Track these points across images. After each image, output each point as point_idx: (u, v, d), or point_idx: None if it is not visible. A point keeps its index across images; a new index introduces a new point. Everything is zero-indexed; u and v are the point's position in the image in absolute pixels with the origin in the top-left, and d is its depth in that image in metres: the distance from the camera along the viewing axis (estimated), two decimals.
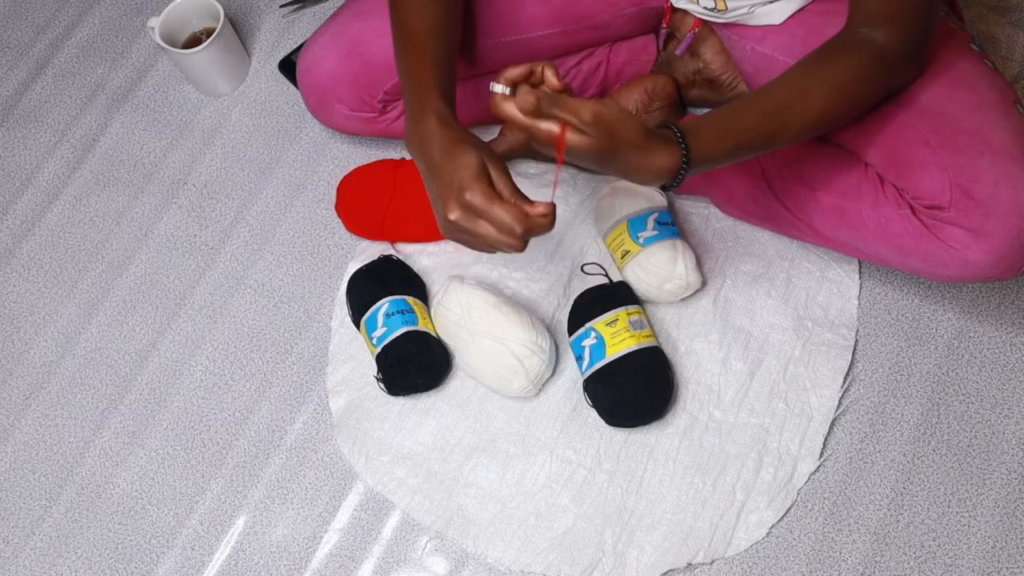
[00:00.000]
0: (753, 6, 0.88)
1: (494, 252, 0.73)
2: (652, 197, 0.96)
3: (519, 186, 0.75)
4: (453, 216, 0.71)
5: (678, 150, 0.70)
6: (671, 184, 0.72)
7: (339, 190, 1.04)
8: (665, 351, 0.93)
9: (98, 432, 1.00)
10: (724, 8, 0.89)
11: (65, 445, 0.99)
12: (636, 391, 0.89)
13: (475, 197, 0.69)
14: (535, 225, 0.70)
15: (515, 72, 0.69)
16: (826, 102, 0.74)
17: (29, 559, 0.94)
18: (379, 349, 0.94)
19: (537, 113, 0.66)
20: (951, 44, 0.83)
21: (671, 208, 1.00)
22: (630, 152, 0.68)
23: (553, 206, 0.71)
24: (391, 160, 1.04)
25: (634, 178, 0.71)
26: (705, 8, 0.91)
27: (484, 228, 0.70)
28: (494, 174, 0.71)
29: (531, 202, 0.71)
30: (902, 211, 0.82)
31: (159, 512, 0.95)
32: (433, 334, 0.95)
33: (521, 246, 0.70)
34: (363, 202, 1.02)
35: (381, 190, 1.01)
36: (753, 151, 0.75)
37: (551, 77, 0.69)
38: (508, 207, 0.69)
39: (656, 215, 0.95)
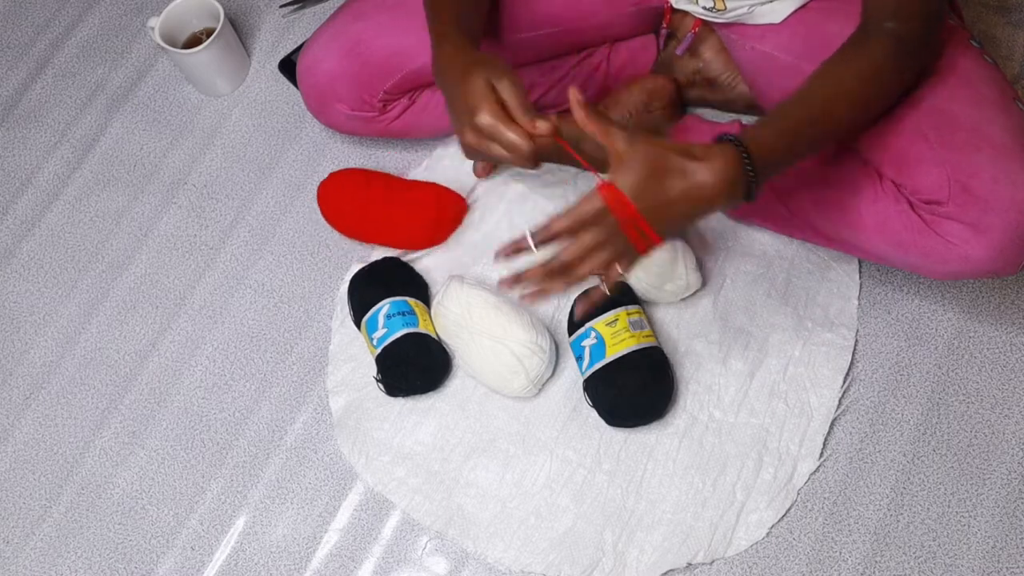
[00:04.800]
0: (752, 6, 0.88)
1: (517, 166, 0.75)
2: None
3: (529, 185, 0.75)
4: (466, 139, 0.74)
5: (732, 152, 0.67)
6: (747, 193, 0.68)
7: (319, 193, 1.03)
8: (665, 351, 0.93)
9: (98, 432, 1.00)
10: (723, 8, 0.90)
11: (65, 445, 1.00)
12: (636, 391, 0.89)
13: (484, 119, 0.72)
14: (542, 144, 0.72)
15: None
16: (863, 94, 0.75)
17: (29, 559, 0.95)
18: (379, 350, 0.94)
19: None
20: (951, 41, 0.83)
21: None
22: (679, 165, 0.66)
23: (554, 122, 0.71)
24: (364, 171, 1.04)
25: (704, 196, 0.67)
26: (704, 8, 0.91)
27: (496, 149, 0.73)
28: (505, 93, 0.73)
29: (542, 117, 0.72)
30: (900, 207, 0.82)
31: (159, 512, 0.96)
32: (433, 336, 0.96)
33: (532, 164, 0.73)
34: (343, 204, 1.02)
35: (357, 194, 1.01)
36: (809, 151, 0.74)
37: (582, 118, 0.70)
38: (515, 128, 0.71)
39: None
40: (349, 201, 1.01)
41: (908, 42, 0.76)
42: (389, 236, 1.01)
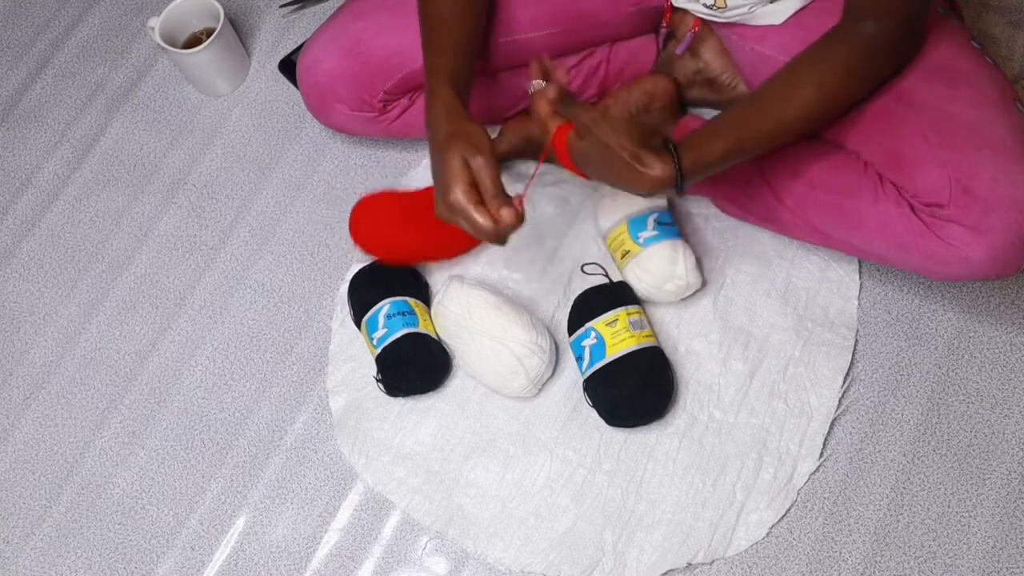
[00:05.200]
0: (753, 6, 0.89)
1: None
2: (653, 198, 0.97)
3: (514, 185, 0.76)
4: (439, 211, 0.78)
5: (670, 160, 0.74)
6: (675, 192, 0.76)
7: (352, 219, 0.99)
8: (665, 351, 0.94)
9: (98, 432, 1.00)
10: (724, 6, 0.90)
11: (65, 445, 1.00)
12: (636, 391, 0.90)
13: (455, 198, 0.75)
14: (505, 229, 0.75)
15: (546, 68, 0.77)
16: (812, 98, 0.78)
17: (29, 559, 0.95)
18: (379, 350, 0.94)
19: (551, 112, 0.73)
20: (951, 41, 0.83)
21: (671, 208, 1.00)
22: (620, 161, 0.73)
23: (518, 211, 0.75)
24: (396, 192, 1.01)
25: (627, 187, 0.76)
26: (705, 6, 0.91)
27: (464, 225, 0.76)
28: (478, 173, 0.76)
29: (509, 201, 0.75)
30: (902, 209, 0.83)
31: (159, 512, 0.96)
32: (433, 336, 0.96)
33: (499, 243, 0.76)
34: (376, 229, 0.98)
35: (390, 217, 0.98)
36: (748, 152, 0.78)
37: (561, 77, 0.76)
38: (483, 212, 0.75)
39: (656, 215, 0.96)
40: (385, 231, 0.97)
41: (876, 47, 0.78)
42: (433, 253, 0.97)
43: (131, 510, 0.96)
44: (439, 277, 1.01)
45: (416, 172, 1.08)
